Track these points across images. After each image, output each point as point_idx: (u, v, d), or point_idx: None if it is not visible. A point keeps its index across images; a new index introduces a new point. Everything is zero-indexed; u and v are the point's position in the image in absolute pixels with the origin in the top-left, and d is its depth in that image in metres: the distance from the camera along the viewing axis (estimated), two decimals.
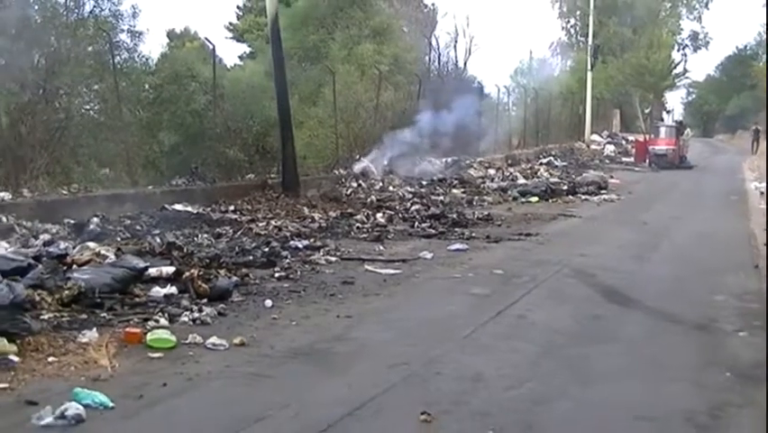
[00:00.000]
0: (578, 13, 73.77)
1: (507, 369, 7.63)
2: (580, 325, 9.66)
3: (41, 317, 8.94)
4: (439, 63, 41.94)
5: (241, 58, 41.17)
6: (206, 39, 26.03)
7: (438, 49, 42.69)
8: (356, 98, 29.47)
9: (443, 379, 7.33)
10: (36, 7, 22.08)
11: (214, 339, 8.36)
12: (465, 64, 44.16)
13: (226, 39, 48.84)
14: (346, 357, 8.05)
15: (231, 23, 49.46)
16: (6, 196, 16.28)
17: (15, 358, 7.52)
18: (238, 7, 49.25)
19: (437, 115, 31.00)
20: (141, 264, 11.03)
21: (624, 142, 52.40)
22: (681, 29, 79.21)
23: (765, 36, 28.19)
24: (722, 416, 6.48)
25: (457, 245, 15.66)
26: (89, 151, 21.04)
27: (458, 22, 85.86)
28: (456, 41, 47.70)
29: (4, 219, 14.45)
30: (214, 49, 25.23)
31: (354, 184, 24.73)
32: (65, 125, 20.36)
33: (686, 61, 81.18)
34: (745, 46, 76.49)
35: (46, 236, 13.67)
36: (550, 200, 24.89)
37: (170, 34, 44.49)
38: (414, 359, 7.92)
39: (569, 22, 77.31)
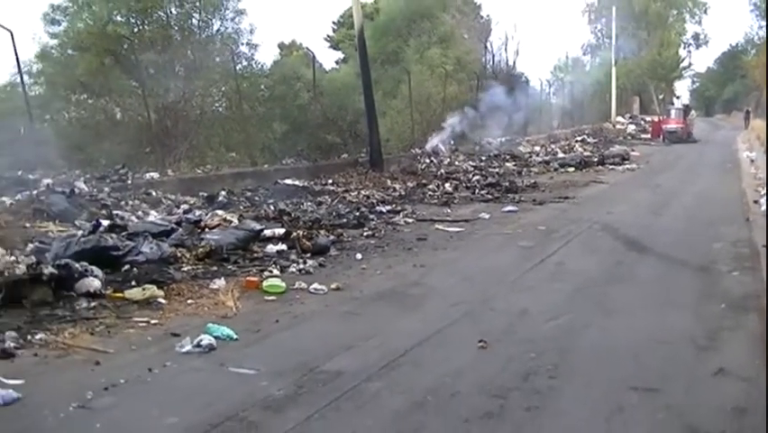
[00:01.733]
0: (603, 20, 72.53)
1: (546, 305, 7.56)
2: (605, 269, 9.52)
3: (182, 269, 9.07)
4: (493, 62, 41.30)
5: (336, 63, 41.00)
6: (308, 48, 26.36)
7: (492, 51, 42.02)
8: (427, 92, 29.35)
9: (496, 314, 7.28)
10: (176, 28, 22.31)
11: (315, 285, 8.40)
12: (514, 63, 43.37)
13: (325, 48, 48.82)
14: (419, 298, 8.02)
15: (328, 36, 49.30)
16: (156, 175, 16.53)
17: (163, 301, 7.65)
18: (334, 23, 49.13)
19: (492, 104, 30.76)
20: (258, 227, 11.12)
21: (642, 122, 51.24)
22: (686, 31, 77.88)
23: (766, 34, 27.35)
24: (718, 338, 6.38)
25: (509, 208, 15.50)
26: (219, 139, 21.33)
27: (507, 29, 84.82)
28: (506, 45, 46.93)
29: (154, 193, 14.70)
30: (314, 56, 25.40)
31: (427, 160, 24.55)
32: (200, 120, 20.67)
33: (690, 57, 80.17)
34: (737, 44, 75.02)
35: (185, 206, 13.87)
36: (583, 170, 24.48)
37: (280, 45, 44.51)
38: (472, 299, 7.88)
39: (596, 27, 76.03)
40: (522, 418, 4.64)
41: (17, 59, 17.07)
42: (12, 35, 16.12)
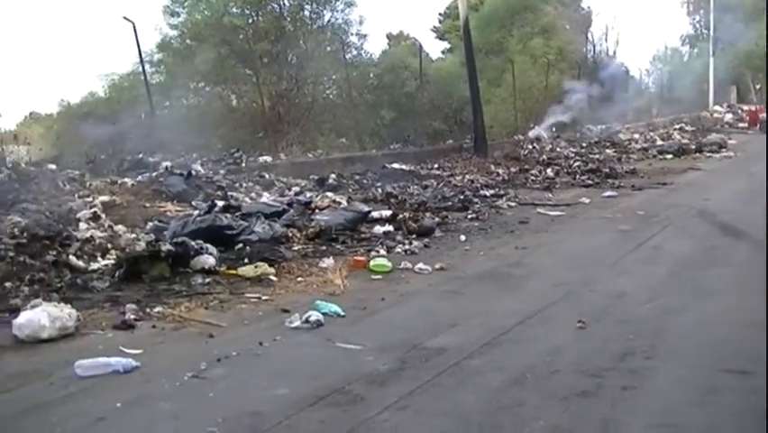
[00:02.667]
0: (701, 11, 70.02)
1: (644, 287, 7.32)
2: (701, 253, 9.14)
3: (292, 248, 9.12)
4: (594, 52, 40.44)
5: (442, 52, 40.75)
6: (415, 38, 26.21)
7: (593, 41, 41.13)
8: (530, 81, 29.11)
9: (595, 295, 7.08)
10: (289, 19, 22.58)
11: (420, 265, 8.32)
12: (614, 52, 42.31)
13: (432, 39, 48.59)
14: (521, 279, 7.87)
15: (435, 26, 48.93)
16: (269, 159, 16.79)
17: (274, 278, 7.70)
18: (440, 14, 48.72)
19: (594, 92, 30.16)
20: (366, 209, 11.11)
21: (739, 111, 49.24)
22: None
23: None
24: None
25: (609, 193, 15.10)
26: (329, 125, 21.58)
27: (608, 20, 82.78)
28: (607, 35, 45.81)
29: (267, 176, 14.91)
30: (421, 46, 25.46)
31: (529, 146, 24.15)
32: (311, 106, 20.90)
33: None
34: None
35: (296, 188, 13.99)
36: (681, 157, 23.63)
37: (388, 36, 44.38)
38: (572, 280, 7.69)
39: (695, 18, 73.40)
40: (618, 396, 4.51)
41: (139, 49, 17.62)
42: (134, 27, 16.64)
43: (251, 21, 22.20)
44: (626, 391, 4.59)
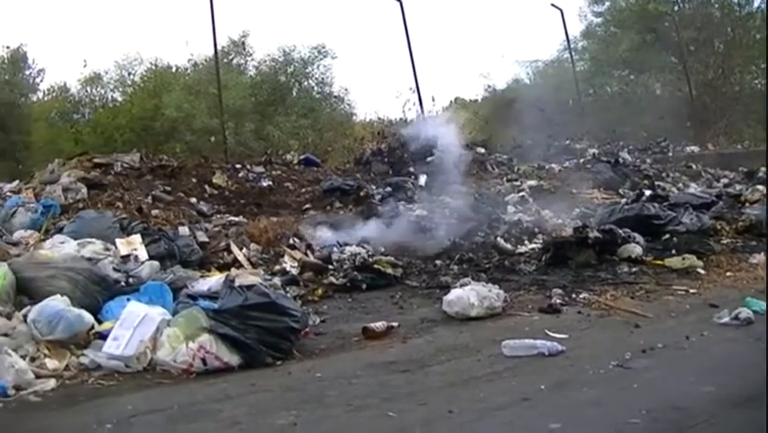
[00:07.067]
0: None
1: None
2: None
3: (721, 241, 8.67)
4: None
5: None
6: None
7: None
8: None
9: None
10: (716, 6, 21.42)
11: None
12: None
13: None
14: None
15: None
16: (695, 149, 16.09)
17: (701, 271, 7.37)
18: None
19: None
20: None
21: None
22: None
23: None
24: None
25: None
26: (756, 116, 19.96)
27: None
28: None
29: (694, 166, 14.38)
30: None
31: None
32: (738, 96, 19.60)
33: None
34: None
35: (725, 180, 13.29)
36: None
37: None
38: None
39: None
40: None
41: (567, 36, 17.86)
42: (562, 14, 16.88)
43: (676, 8, 21.43)
44: None
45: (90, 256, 6.40)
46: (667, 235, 8.47)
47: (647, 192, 10.29)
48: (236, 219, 9.06)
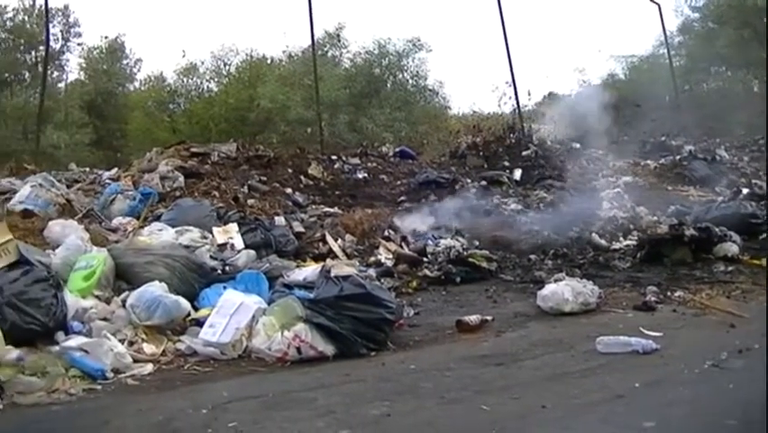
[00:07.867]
0: None
1: None
2: None
3: None
4: None
5: None
6: None
7: None
8: None
9: None
10: None
11: None
12: None
13: None
14: None
15: None
16: None
17: None
18: None
19: None
20: None
21: None
22: None
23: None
24: None
25: None
26: None
27: None
28: None
29: None
30: None
31: None
32: None
33: None
34: None
35: None
36: None
37: None
38: None
39: None
40: None
41: (665, 31, 17.48)
42: (660, 9, 16.54)
43: None
44: None
45: (188, 244, 6.67)
46: (764, 235, 8.26)
47: (744, 190, 10.02)
48: (331, 210, 9.25)
